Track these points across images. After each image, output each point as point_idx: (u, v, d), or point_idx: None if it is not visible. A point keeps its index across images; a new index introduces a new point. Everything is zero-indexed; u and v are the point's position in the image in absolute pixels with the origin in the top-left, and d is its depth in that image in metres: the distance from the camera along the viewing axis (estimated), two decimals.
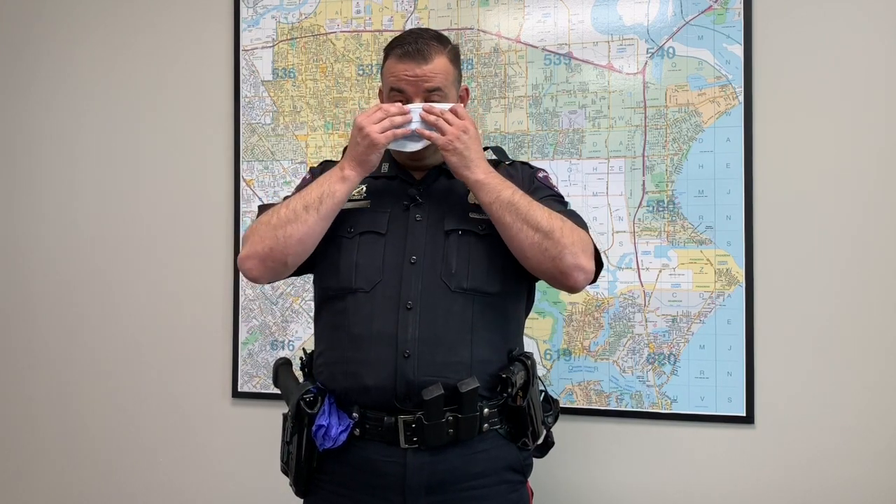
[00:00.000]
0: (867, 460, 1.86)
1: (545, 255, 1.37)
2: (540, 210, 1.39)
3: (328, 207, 1.41)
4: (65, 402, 2.41)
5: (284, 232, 1.40)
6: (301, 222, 1.40)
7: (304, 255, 1.44)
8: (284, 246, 1.40)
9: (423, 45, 1.45)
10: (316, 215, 1.40)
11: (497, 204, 1.39)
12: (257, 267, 1.43)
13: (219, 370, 2.27)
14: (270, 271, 1.45)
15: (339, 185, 1.42)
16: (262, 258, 1.42)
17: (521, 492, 1.49)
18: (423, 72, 1.43)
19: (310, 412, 1.40)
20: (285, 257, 1.41)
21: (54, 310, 2.43)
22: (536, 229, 1.36)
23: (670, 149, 1.97)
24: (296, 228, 1.40)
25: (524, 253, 1.39)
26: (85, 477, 2.39)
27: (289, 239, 1.40)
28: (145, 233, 2.35)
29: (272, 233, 1.41)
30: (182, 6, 2.33)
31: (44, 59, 2.45)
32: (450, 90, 1.48)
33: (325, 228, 1.43)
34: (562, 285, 1.42)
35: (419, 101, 1.44)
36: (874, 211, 1.87)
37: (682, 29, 1.97)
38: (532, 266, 1.40)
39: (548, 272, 1.39)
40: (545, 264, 1.38)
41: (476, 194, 1.42)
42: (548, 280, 1.43)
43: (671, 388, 1.96)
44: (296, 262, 1.45)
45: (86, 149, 2.41)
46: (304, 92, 2.21)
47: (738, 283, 1.93)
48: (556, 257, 1.36)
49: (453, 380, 1.37)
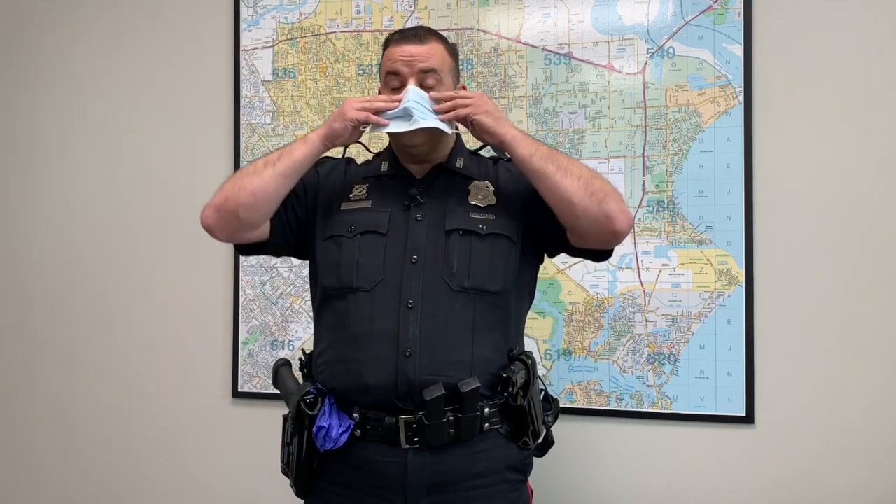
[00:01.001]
0: (867, 460, 1.86)
1: (592, 198, 1.36)
2: (577, 161, 1.43)
3: (285, 165, 1.43)
4: (65, 403, 2.41)
5: (241, 183, 1.43)
6: (256, 175, 1.43)
7: (257, 210, 1.44)
8: (237, 196, 1.42)
9: (420, 30, 1.49)
10: (272, 170, 1.42)
11: (538, 155, 1.39)
12: (211, 216, 1.46)
13: (219, 370, 2.27)
14: (223, 222, 1.46)
15: (298, 145, 1.45)
16: (216, 207, 1.45)
17: (522, 491, 1.49)
18: (419, 51, 1.44)
19: (310, 413, 1.40)
20: (237, 208, 1.43)
21: (54, 310, 2.43)
22: (579, 176, 1.38)
23: (670, 149, 1.97)
24: (250, 180, 1.43)
25: (571, 197, 1.37)
26: (85, 477, 2.39)
27: (242, 190, 1.42)
28: (145, 233, 2.35)
29: (230, 184, 1.45)
30: (182, 6, 2.34)
31: (43, 58, 2.45)
32: (446, 77, 1.47)
33: (280, 186, 1.43)
34: (607, 231, 1.39)
35: (413, 81, 1.44)
36: (874, 211, 1.87)
37: (682, 29, 1.97)
38: (578, 212, 1.38)
39: (594, 217, 1.37)
40: (592, 208, 1.36)
41: (513, 150, 1.41)
42: (588, 230, 1.40)
43: (671, 388, 1.96)
44: (248, 218, 1.44)
45: (85, 148, 2.41)
46: (304, 92, 2.21)
47: (738, 283, 1.93)
48: (603, 200, 1.37)
49: (454, 379, 1.37)
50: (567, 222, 1.41)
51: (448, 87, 1.48)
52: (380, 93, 1.54)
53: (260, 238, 1.50)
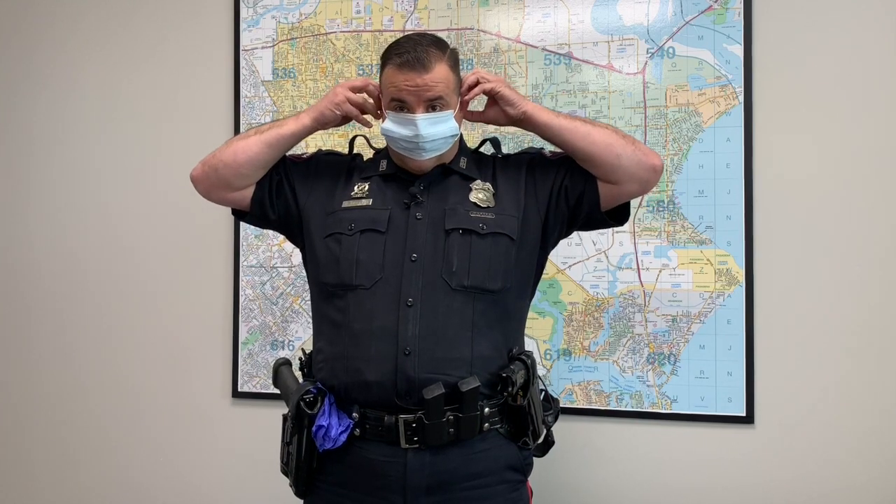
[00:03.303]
0: (867, 460, 1.86)
1: (626, 139, 1.46)
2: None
3: (272, 135, 1.50)
4: (65, 402, 2.41)
5: (229, 143, 1.54)
6: (243, 139, 1.52)
7: (234, 170, 1.50)
8: (221, 153, 1.52)
9: (422, 52, 1.42)
10: (257, 137, 1.51)
11: (561, 117, 1.48)
12: (197, 168, 1.55)
13: (219, 370, 2.27)
14: (204, 176, 1.54)
15: (290, 121, 1.53)
16: (203, 161, 1.55)
17: (521, 491, 1.49)
18: (424, 81, 1.42)
19: (310, 413, 1.40)
20: (218, 163, 1.51)
21: (53, 310, 2.43)
22: (606, 127, 1.49)
23: (670, 149, 1.97)
24: (237, 142, 1.52)
25: (607, 141, 1.45)
26: (85, 477, 2.39)
27: (227, 148, 1.52)
28: (145, 233, 2.35)
29: (221, 147, 1.54)
30: (182, 6, 2.33)
31: (42, 58, 2.45)
32: (450, 98, 1.46)
33: (261, 153, 1.50)
34: (645, 166, 1.46)
35: (421, 112, 1.43)
36: (874, 210, 1.87)
37: (682, 29, 1.97)
38: (618, 151, 1.45)
39: (631, 154, 1.45)
40: (628, 149, 1.45)
41: (537, 117, 1.47)
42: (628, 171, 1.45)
43: (671, 388, 1.96)
44: (225, 175, 1.51)
45: (84, 148, 2.41)
46: (304, 92, 2.21)
47: (738, 283, 1.93)
48: (634, 142, 1.48)
49: (454, 377, 1.38)
50: (607, 169, 1.46)
51: (452, 105, 1.47)
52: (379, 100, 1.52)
53: (240, 204, 1.57)
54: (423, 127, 1.42)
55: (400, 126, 1.44)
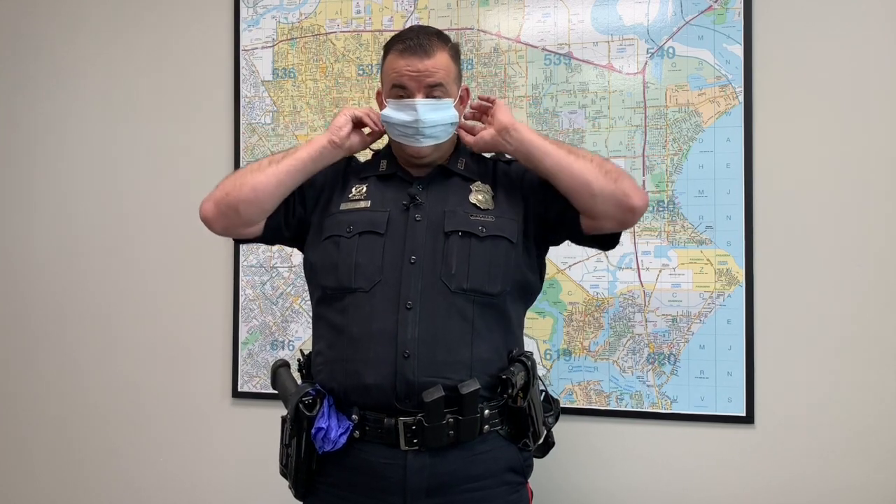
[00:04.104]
0: (867, 460, 1.86)
1: (608, 176, 1.40)
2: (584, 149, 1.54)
3: (288, 164, 1.46)
4: (64, 402, 2.41)
5: (242, 178, 1.47)
6: (259, 171, 1.46)
7: (257, 206, 1.47)
8: (238, 191, 1.46)
9: (424, 40, 1.45)
10: (275, 168, 1.46)
11: (549, 142, 1.44)
12: (210, 209, 1.49)
13: (219, 370, 2.27)
14: (222, 216, 1.48)
15: (304, 147, 1.49)
16: (216, 201, 1.48)
17: (522, 493, 1.49)
18: (426, 66, 1.43)
19: (309, 415, 1.40)
20: (237, 203, 1.46)
21: (52, 310, 2.43)
22: (591, 159, 1.43)
23: (670, 149, 1.97)
24: (252, 177, 1.46)
25: (586, 178, 1.40)
26: (85, 477, 2.39)
27: (243, 185, 1.46)
28: (145, 233, 2.35)
29: (232, 179, 1.49)
30: (182, 6, 2.33)
31: (43, 58, 2.45)
32: (451, 87, 1.48)
33: (282, 183, 1.46)
34: (622, 207, 1.41)
35: (421, 97, 1.44)
36: (874, 210, 1.87)
37: (682, 29, 1.97)
38: (594, 191, 1.40)
39: (610, 194, 1.40)
40: (608, 186, 1.40)
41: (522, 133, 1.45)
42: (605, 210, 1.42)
43: (671, 388, 1.96)
44: (248, 213, 1.47)
45: (84, 148, 2.41)
46: (305, 92, 2.21)
47: (738, 283, 1.93)
48: (617, 179, 1.41)
49: (453, 380, 1.37)
50: (583, 204, 1.43)
51: (452, 95, 1.48)
52: (378, 94, 1.55)
53: (254, 235, 1.53)
54: (423, 112, 1.43)
55: (400, 111, 1.45)
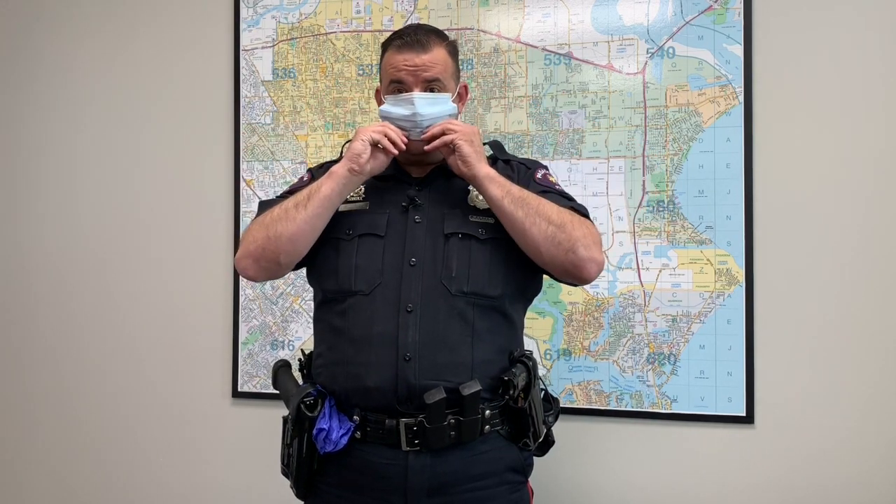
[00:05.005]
0: (867, 460, 1.86)
1: (559, 247, 1.37)
2: (549, 204, 1.41)
3: (316, 204, 1.41)
4: (65, 403, 2.41)
5: (275, 231, 1.41)
6: (290, 220, 1.41)
7: (297, 254, 1.45)
8: (276, 245, 1.42)
9: (421, 35, 1.47)
10: (304, 212, 1.41)
11: (509, 198, 1.39)
12: (251, 266, 1.46)
13: (219, 370, 2.27)
14: (265, 271, 1.47)
15: (325, 181, 1.43)
16: (255, 258, 1.44)
17: (522, 492, 1.49)
18: (423, 61, 1.44)
19: (310, 416, 1.40)
20: (277, 256, 1.43)
21: (54, 309, 2.43)
22: (549, 222, 1.38)
23: (670, 149, 1.97)
24: (286, 227, 1.41)
25: (538, 247, 1.39)
26: (85, 477, 2.39)
27: (279, 238, 1.41)
28: (145, 233, 2.35)
29: (264, 232, 1.43)
30: (182, 6, 2.33)
31: (43, 58, 2.45)
32: (448, 82, 1.48)
33: (316, 226, 1.43)
34: (575, 277, 1.41)
35: (418, 91, 1.45)
36: (874, 210, 1.87)
37: (682, 29, 1.97)
38: (545, 260, 1.40)
39: (561, 266, 1.39)
40: (559, 257, 1.38)
41: (485, 189, 1.41)
42: (560, 273, 1.42)
43: (671, 388, 1.96)
44: (290, 261, 1.46)
45: (86, 149, 2.41)
46: (304, 92, 2.21)
47: (738, 283, 1.93)
48: (570, 249, 1.37)
49: (454, 382, 1.37)
50: (536, 262, 1.43)
51: (450, 91, 1.49)
52: (377, 94, 1.55)
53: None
54: (421, 106, 1.43)
55: (397, 106, 1.45)
